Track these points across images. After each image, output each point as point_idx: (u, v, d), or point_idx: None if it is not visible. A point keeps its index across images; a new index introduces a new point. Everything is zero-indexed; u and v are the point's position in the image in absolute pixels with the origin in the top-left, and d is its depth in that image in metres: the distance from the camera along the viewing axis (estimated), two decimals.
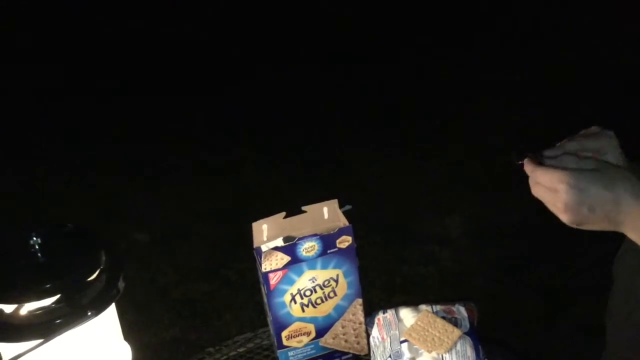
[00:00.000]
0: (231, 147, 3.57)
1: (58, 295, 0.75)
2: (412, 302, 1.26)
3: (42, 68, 4.41)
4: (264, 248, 1.19)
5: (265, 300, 1.23)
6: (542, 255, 2.68)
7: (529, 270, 2.62)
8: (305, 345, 1.23)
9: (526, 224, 2.87)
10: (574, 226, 0.87)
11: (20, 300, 0.74)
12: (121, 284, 0.80)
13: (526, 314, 2.39)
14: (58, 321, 0.74)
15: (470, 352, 1.13)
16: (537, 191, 0.89)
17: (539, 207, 0.92)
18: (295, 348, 1.23)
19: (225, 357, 1.32)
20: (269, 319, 1.23)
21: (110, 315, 0.84)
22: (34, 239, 0.78)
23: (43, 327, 0.73)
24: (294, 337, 1.22)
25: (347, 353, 1.27)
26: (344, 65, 4.25)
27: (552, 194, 0.87)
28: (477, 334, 1.16)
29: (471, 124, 3.59)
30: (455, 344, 1.14)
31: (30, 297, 0.74)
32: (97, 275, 0.78)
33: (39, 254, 0.77)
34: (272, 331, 1.22)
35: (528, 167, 0.90)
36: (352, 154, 3.44)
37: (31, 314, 0.74)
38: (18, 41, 4.84)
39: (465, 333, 1.16)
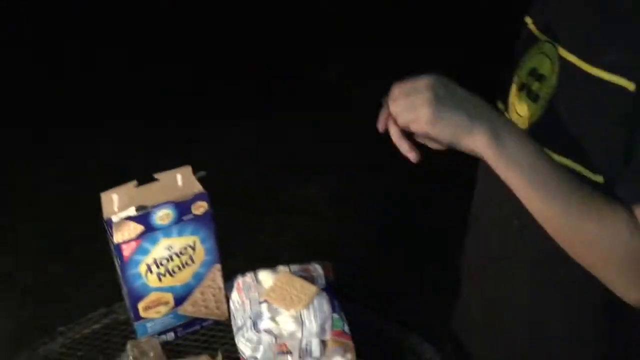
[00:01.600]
0: (79, 118, 3.39)
1: None
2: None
3: None
4: (114, 219, 1.15)
5: (119, 272, 1.19)
6: (398, 222, 2.84)
7: (388, 239, 2.75)
8: (164, 315, 1.21)
9: (384, 191, 3.02)
10: (430, 122, 0.85)
11: None
12: None
13: (384, 277, 2.52)
14: None
15: (326, 306, 1.17)
16: (397, 99, 0.87)
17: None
18: (154, 319, 1.21)
19: (78, 335, 1.27)
20: (124, 291, 1.19)
21: None
22: None
23: None
24: (151, 307, 1.20)
25: (207, 319, 1.26)
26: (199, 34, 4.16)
27: (413, 89, 0.86)
28: (333, 290, 1.21)
29: (334, 90, 3.67)
30: (312, 300, 1.17)
31: None
32: None
33: None
34: (127, 304, 1.19)
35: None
36: (209, 122, 3.40)
37: None
38: None
39: (322, 289, 1.20)
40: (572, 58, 0.92)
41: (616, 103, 0.85)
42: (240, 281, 1.26)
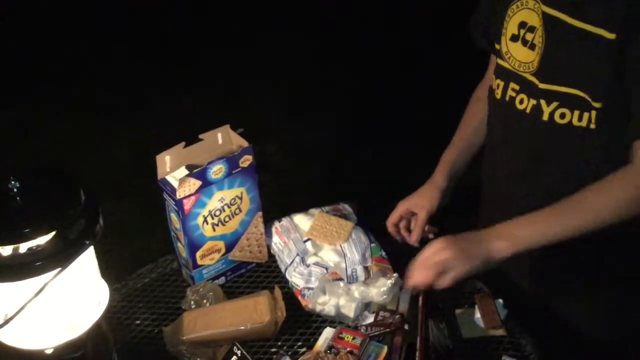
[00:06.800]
0: None
1: (54, 232, 0.78)
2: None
3: None
4: (169, 179, 1.26)
5: (174, 227, 1.30)
6: (354, 168, 3.03)
7: (339, 181, 2.93)
8: (217, 261, 1.34)
9: (332, 142, 3.20)
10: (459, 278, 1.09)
11: (19, 240, 0.75)
12: (101, 219, 0.85)
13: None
14: (68, 251, 0.77)
15: (363, 237, 1.34)
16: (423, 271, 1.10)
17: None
18: (208, 265, 1.33)
19: (133, 289, 1.37)
20: (181, 243, 1.30)
21: (89, 253, 0.87)
22: (12, 182, 0.78)
23: (55, 259, 0.76)
24: (207, 255, 1.32)
25: (251, 263, 1.40)
26: None
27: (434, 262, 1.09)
28: (365, 224, 1.38)
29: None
30: (350, 234, 1.34)
31: (28, 236, 0.76)
32: (81, 209, 0.82)
33: (20, 196, 0.78)
34: (185, 254, 1.31)
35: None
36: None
37: (32, 251, 0.76)
38: None
39: (356, 224, 1.37)
40: (558, 14, 1.12)
41: (600, 48, 1.06)
42: (277, 226, 1.41)
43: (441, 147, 1.47)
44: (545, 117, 1.16)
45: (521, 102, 1.21)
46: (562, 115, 1.14)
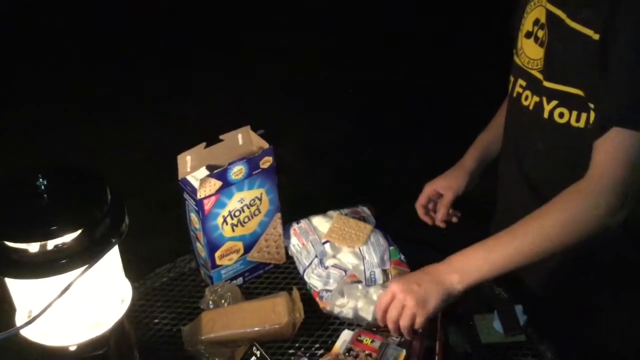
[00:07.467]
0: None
1: (81, 230, 0.78)
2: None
3: None
4: (190, 179, 1.27)
5: (194, 227, 1.30)
6: (367, 166, 3.04)
7: (356, 183, 2.93)
8: (235, 261, 1.34)
9: (346, 141, 3.20)
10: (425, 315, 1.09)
11: (46, 237, 0.76)
12: (127, 217, 0.85)
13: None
14: (94, 249, 0.77)
15: (382, 240, 1.34)
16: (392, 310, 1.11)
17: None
18: (227, 266, 1.34)
19: (151, 288, 1.38)
20: (200, 243, 1.31)
21: (114, 251, 0.88)
22: (40, 180, 0.79)
23: (81, 257, 0.76)
24: (225, 256, 1.32)
25: (269, 264, 1.40)
26: None
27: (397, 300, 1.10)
28: (383, 227, 1.38)
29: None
30: (369, 236, 1.34)
31: (55, 234, 0.76)
32: (108, 208, 0.82)
33: (48, 194, 0.79)
34: (204, 254, 1.31)
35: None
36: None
37: (59, 249, 0.77)
38: None
39: (375, 227, 1.37)
40: (558, 12, 1.13)
41: (588, 47, 1.06)
42: (296, 227, 1.41)
43: (462, 148, 1.46)
44: (546, 115, 1.17)
45: (526, 98, 1.22)
46: (561, 115, 1.15)
